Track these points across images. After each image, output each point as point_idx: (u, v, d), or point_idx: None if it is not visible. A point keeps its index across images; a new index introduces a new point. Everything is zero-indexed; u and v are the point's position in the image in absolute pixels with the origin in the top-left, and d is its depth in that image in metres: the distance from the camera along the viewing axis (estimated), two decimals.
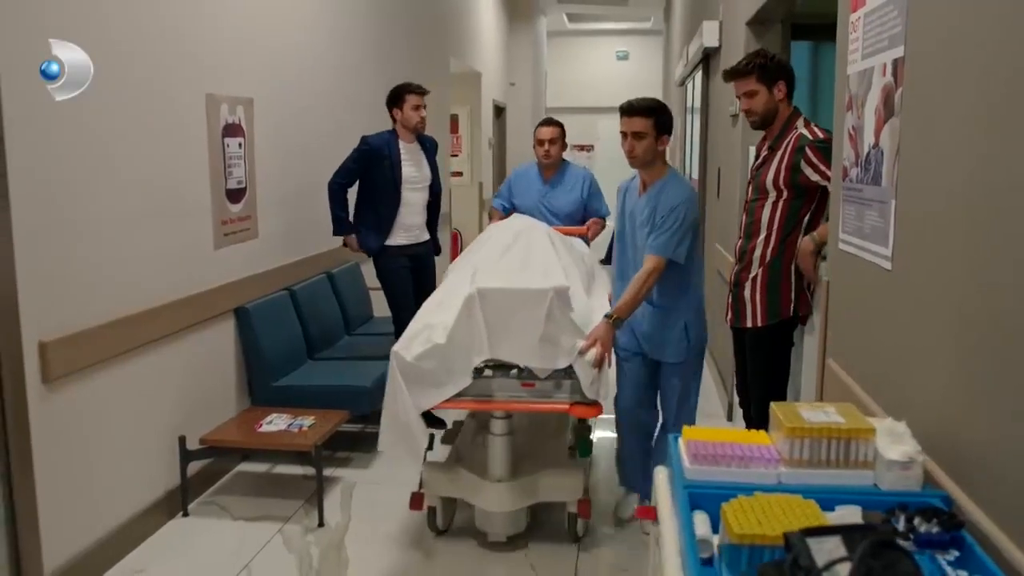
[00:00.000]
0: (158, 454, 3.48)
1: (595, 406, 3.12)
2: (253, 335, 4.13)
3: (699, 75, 6.87)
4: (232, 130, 4.01)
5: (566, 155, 4.74)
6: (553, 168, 4.63)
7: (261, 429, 3.72)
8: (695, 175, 6.91)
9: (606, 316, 3.12)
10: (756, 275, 3.11)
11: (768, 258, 3.08)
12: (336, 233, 4.60)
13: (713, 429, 1.75)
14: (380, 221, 4.54)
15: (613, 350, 3.21)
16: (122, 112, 3.18)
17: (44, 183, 2.79)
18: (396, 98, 4.53)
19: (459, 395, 3.11)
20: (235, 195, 4.07)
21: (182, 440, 3.54)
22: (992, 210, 1.47)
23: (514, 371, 3.18)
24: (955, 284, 1.62)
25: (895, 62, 1.97)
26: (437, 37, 8.37)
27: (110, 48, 3.09)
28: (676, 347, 3.30)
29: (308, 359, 4.61)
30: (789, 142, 3.06)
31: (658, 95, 15.02)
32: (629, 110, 3.21)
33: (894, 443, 1.57)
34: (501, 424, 3.29)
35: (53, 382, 2.83)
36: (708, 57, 6.20)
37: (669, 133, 3.27)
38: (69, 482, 2.95)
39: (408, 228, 4.63)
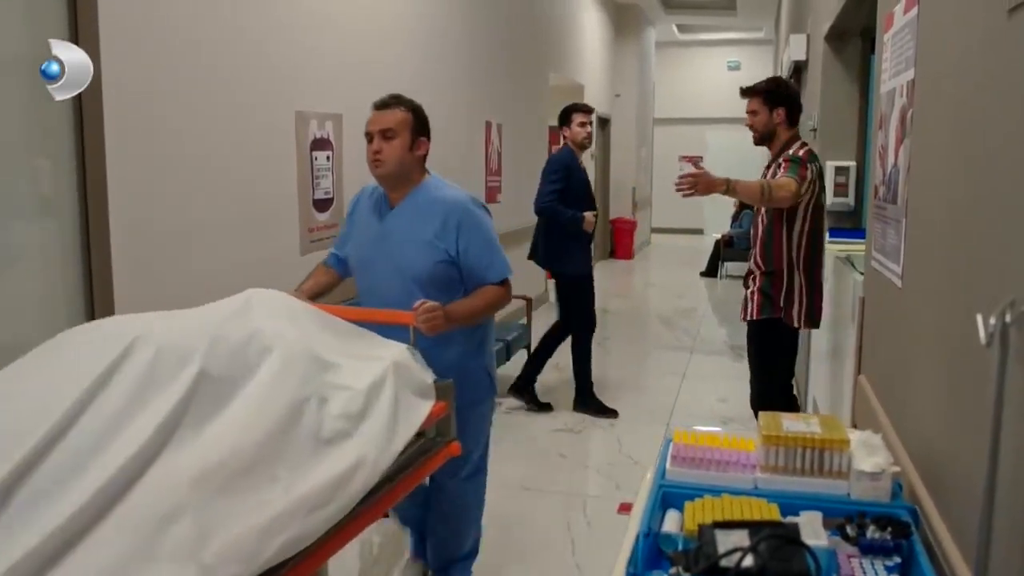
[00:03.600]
0: None
1: None
2: None
3: None
4: (320, 144, 4.30)
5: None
6: (398, 186, 2.68)
7: None
8: None
9: None
10: (755, 275, 3.53)
11: (757, 256, 3.52)
12: (575, 227, 4.90)
13: (706, 434, 1.84)
14: (582, 236, 4.95)
15: None
16: (216, 129, 3.50)
17: (142, 193, 3.11)
18: (564, 117, 5.02)
19: None
20: (322, 204, 4.36)
21: None
22: (967, 238, 1.51)
23: None
24: (940, 305, 1.66)
25: (909, 84, 2.01)
26: (535, 51, 8.57)
27: (206, 71, 3.41)
28: None
29: None
30: (783, 160, 3.44)
31: None
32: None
33: (869, 455, 1.63)
34: None
35: None
36: (799, 70, 6.15)
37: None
38: None
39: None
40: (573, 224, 4.91)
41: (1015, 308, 1.10)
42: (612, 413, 5.09)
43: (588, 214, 4.92)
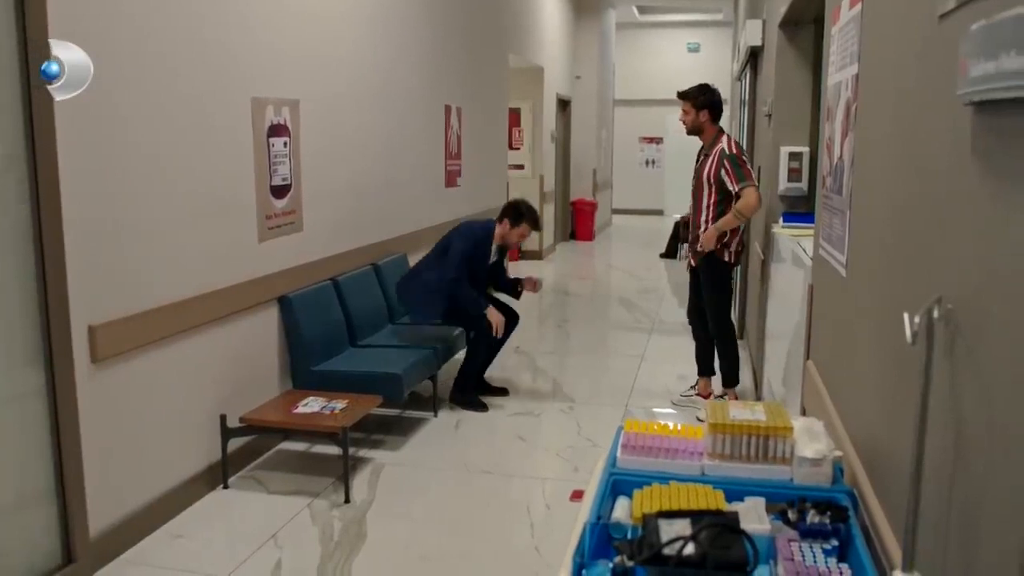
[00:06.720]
0: (201, 430, 3.77)
1: None
2: (295, 322, 4.39)
3: (749, 71, 6.88)
4: (277, 130, 4.27)
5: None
6: None
7: (296, 411, 3.98)
8: None
9: None
10: (699, 236, 4.66)
11: (702, 227, 4.64)
12: (479, 312, 4.96)
13: (657, 423, 1.89)
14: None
15: None
16: (170, 116, 3.46)
17: (95, 182, 3.07)
18: (518, 218, 5.04)
19: None
20: (280, 191, 4.33)
21: (223, 418, 3.83)
22: (903, 234, 1.57)
23: None
24: (879, 296, 1.72)
25: (854, 78, 2.06)
26: (494, 34, 8.55)
27: (159, 58, 3.36)
28: None
29: (349, 346, 4.87)
30: (716, 151, 4.53)
31: (727, 87, 14.89)
32: None
33: (811, 441, 1.69)
34: None
35: (101, 362, 3.13)
36: (755, 55, 6.22)
37: None
38: (116, 453, 3.25)
39: None
40: (475, 306, 5.02)
41: (942, 305, 1.16)
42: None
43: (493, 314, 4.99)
